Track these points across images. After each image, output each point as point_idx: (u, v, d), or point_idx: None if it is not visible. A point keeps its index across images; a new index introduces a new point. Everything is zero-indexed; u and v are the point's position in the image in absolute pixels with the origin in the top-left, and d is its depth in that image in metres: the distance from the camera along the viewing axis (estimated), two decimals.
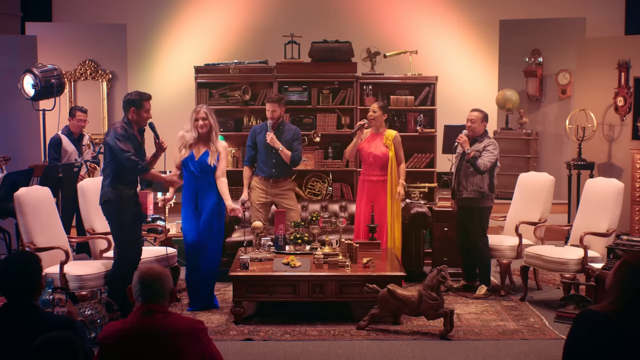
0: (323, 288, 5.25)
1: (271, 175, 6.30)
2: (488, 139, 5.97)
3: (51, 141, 6.89)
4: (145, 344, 2.81)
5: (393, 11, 9.38)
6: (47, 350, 2.53)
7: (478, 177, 5.89)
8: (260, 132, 6.31)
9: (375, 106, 6.23)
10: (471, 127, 5.98)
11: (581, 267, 5.57)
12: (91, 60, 8.93)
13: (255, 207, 6.34)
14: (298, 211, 6.52)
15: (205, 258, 5.60)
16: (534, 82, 9.54)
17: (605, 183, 6.00)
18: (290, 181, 6.51)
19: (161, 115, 9.18)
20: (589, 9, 9.29)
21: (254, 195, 6.38)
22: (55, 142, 6.87)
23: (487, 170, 5.86)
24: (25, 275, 2.98)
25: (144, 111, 5.14)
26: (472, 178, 5.93)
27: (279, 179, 6.33)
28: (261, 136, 6.29)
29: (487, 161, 5.83)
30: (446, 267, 4.99)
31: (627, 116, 7.97)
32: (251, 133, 6.42)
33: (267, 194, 6.30)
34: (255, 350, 4.73)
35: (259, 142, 6.32)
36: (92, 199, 5.64)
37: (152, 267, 3.01)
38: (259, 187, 6.36)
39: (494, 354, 4.67)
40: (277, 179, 6.31)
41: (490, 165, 5.85)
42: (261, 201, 6.32)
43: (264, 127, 6.28)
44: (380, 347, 4.77)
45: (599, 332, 2.69)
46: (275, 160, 6.27)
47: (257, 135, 6.34)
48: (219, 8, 9.42)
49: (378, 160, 6.16)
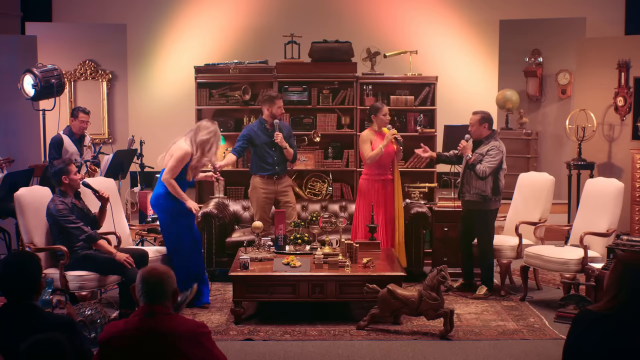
0: (323, 288, 5.25)
1: (274, 172, 6.44)
2: (493, 142, 5.90)
3: (52, 141, 6.88)
4: (146, 346, 2.80)
5: (393, 11, 9.38)
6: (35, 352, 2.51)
7: (480, 181, 5.88)
8: (258, 132, 6.38)
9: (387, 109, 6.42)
10: (471, 130, 5.99)
11: (581, 267, 5.57)
12: (91, 60, 8.93)
13: (260, 206, 6.41)
14: (296, 208, 6.70)
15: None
16: (534, 82, 9.55)
17: (605, 183, 6.00)
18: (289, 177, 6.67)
19: (161, 115, 9.26)
20: (589, 9, 9.29)
21: (258, 195, 6.44)
22: (57, 142, 6.86)
23: (486, 176, 5.84)
24: (24, 275, 2.98)
25: (73, 174, 5.25)
26: (474, 181, 5.92)
27: (282, 176, 6.50)
28: (262, 136, 6.35)
29: (487, 167, 5.81)
30: (446, 267, 4.99)
31: (627, 116, 7.97)
32: (249, 132, 6.47)
33: (270, 192, 6.44)
34: (255, 350, 4.72)
35: (260, 142, 6.37)
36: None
37: (156, 267, 3.00)
38: (262, 187, 6.44)
39: (494, 354, 4.67)
40: (279, 175, 6.46)
41: (490, 171, 5.82)
42: (266, 200, 6.43)
43: (262, 126, 6.35)
44: (380, 347, 4.77)
45: (597, 332, 2.70)
46: (276, 158, 6.42)
47: (256, 135, 6.39)
48: (219, 8, 9.42)
49: (391, 158, 6.37)
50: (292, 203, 6.54)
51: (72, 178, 5.24)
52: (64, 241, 5.17)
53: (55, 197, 5.24)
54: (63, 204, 5.15)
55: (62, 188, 5.24)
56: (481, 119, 5.94)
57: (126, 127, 8.94)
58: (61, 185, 5.23)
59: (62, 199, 5.19)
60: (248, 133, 6.46)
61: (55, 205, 5.13)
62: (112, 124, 8.97)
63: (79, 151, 6.94)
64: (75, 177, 5.26)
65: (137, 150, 7.56)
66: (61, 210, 5.12)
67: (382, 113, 6.35)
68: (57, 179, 5.23)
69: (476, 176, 5.86)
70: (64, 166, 5.24)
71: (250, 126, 6.58)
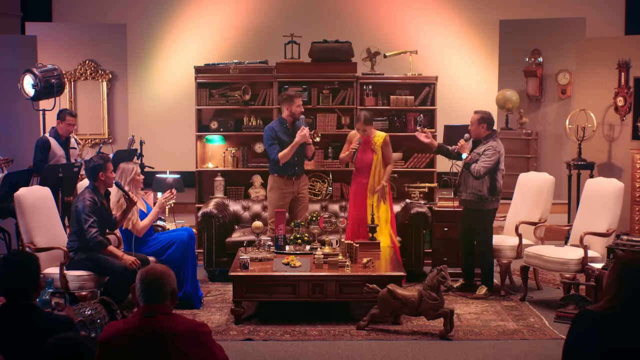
0: (323, 288, 5.25)
1: (295, 173, 6.40)
2: (490, 142, 5.89)
3: (39, 143, 6.74)
4: (146, 346, 2.80)
5: (393, 11, 9.37)
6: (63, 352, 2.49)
7: (477, 181, 5.88)
8: (279, 133, 6.31)
9: (361, 125, 6.27)
10: (471, 129, 5.99)
11: (581, 267, 5.57)
12: (91, 60, 8.93)
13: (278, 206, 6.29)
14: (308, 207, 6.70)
15: None
16: (534, 82, 9.55)
17: (605, 183, 6.00)
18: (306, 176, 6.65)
19: (161, 115, 9.26)
20: (589, 9, 9.29)
21: (276, 196, 6.38)
22: (43, 145, 6.71)
23: (481, 176, 5.83)
24: (23, 275, 2.98)
25: (109, 172, 5.30)
26: (470, 181, 5.92)
27: (301, 175, 6.48)
28: (283, 137, 6.30)
29: (482, 167, 5.81)
30: (446, 267, 4.99)
31: (627, 116, 7.97)
32: (271, 133, 6.32)
33: (289, 193, 6.40)
34: (255, 350, 4.72)
35: (282, 142, 6.30)
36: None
37: (155, 267, 2.99)
38: (282, 187, 6.39)
39: (494, 354, 4.67)
40: (298, 175, 6.45)
41: (485, 171, 5.81)
42: (285, 201, 6.38)
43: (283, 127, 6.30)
44: (380, 347, 4.77)
45: (597, 332, 2.70)
46: (297, 159, 6.38)
47: (279, 134, 6.32)
48: (219, 8, 9.42)
49: (368, 165, 6.31)
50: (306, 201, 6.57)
51: (108, 175, 5.29)
52: (80, 235, 5.18)
53: (87, 191, 5.26)
54: (91, 201, 5.17)
55: (96, 184, 5.27)
56: (480, 119, 5.93)
57: (126, 127, 8.94)
58: (96, 181, 5.27)
59: (93, 195, 5.21)
60: (272, 134, 6.32)
61: (84, 200, 5.16)
62: (112, 124, 8.97)
63: (66, 154, 6.83)
64: (111, 175, 5.32)
65: (137, 150, 7.56)
66: (87, 206, 5.14)
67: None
68: (93, 175, 5.26)
69: (472, 176, 5.86)
70: (103, 163, 5.27)
71: (270, 126, 6.41)
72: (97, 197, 5.24)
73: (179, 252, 5.59)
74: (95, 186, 5.28)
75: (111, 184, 5.38)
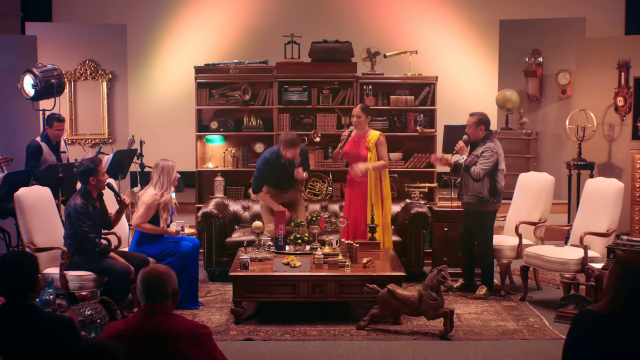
0: (323, 288, 5.25)
1: (283, 189, 6.40)
2: (488, 144, 5.89)
3: (30, 148, 6.69)
4: (146, 346, 2.80)
5: (393, 11, 9.37)
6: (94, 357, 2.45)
7: (477, 183, 5.88)
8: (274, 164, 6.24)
9: (357, 111, 6.30)
10: (468, 131, 6.00)
11: (581, 267, 5.57)
12: (91, 60, 8.92)
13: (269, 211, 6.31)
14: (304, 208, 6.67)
15: None
16: (534, 82, 9.54)
17: (605, 183, 6.00)
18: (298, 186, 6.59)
19: (161, 115, 9.26)
20: (589, 9, 9.29)
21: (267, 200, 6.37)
22: (35, 150, 6.67)
23: (480, 179, 5.83)
24: (20, 274, 2.97)
25: (101, 175, 5.26)
26: (471, 183, 5.92)
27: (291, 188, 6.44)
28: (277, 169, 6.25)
29: (480, 169, 5.81)
30: (446, 267, 4.99)
31: (627, 116, 7.97)
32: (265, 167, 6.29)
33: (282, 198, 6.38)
34: (255, 350, 4.73)
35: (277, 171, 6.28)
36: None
37: (156, 267, 3.00)
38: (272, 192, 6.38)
39: (494, 354, 4.67)
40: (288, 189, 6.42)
41: (484, 173, 5.81)
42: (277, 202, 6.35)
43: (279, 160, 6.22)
44: (380, 347, 4.77)
45: (597, 332, 2.70)
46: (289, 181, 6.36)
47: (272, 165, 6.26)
48: (219, 8, 9.42)
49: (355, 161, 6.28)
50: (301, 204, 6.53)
51: (99, 179, 5.24)
52: (75, 238, 5.18)
53: (78, 196, 5.21)
54: (82, 206, 5.12)
55: (87, 187, 5.23)
56: (477, 122, 5.93)
57: (126, 127, 8.93)
58: (87, 184, 5.22)
59: (84, 201, 5.16)
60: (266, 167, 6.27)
61: (75, 206, 5.12)
62: (112, 124, 8.96)
63: (57, 158, 6.79)
64: (102, 178, 5.27)
65: (137, 150, 7.56)
66: (80, 212, 5.11)
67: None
68: (84, 179, 5.22)
69: (472, 178, 5.86)
70: (94, 167, 5.22)
71: (267, 158, 6.29)
72: (87, 201, 5.19)
73: (179, 262, 5.55)
74: (87, 189, 5.24)
75: (103, 188, 5.32)
